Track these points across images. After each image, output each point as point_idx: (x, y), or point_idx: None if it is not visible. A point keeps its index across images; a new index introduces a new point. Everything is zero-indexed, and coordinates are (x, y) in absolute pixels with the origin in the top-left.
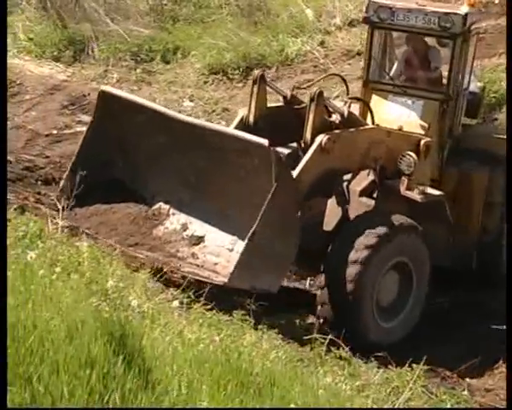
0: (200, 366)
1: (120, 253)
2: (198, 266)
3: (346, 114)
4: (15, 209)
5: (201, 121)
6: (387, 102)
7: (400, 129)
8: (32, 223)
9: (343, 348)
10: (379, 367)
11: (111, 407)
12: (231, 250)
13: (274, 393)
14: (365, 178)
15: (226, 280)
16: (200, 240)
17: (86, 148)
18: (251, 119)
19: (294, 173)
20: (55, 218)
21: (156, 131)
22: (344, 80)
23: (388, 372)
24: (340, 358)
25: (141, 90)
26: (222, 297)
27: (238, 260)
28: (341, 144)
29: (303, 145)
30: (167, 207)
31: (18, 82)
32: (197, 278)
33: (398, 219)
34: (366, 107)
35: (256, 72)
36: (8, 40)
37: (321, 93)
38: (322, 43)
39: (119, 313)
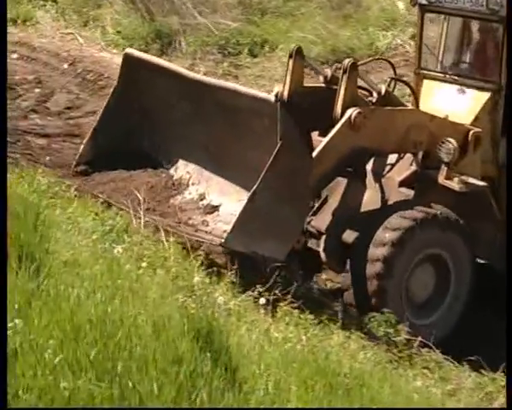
0: (287, 365)
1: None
2: (206, 232)
3: (383, 91)
4: (102, 203)
5: (215, 80)
6: (436, 90)
7: (445, 117)
8: (118, 217)
9: (433, 351)
10: (471, 371)
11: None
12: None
13: (363, 394)
14: (407, 168)
15: (223, 241)
16: (214, 209)
17: (109, 114)
18: (285, 94)
19: (319, 147)
20: (137, 211)
21: (178, 96)
22: (392, 65)
23: (481, 377)
24: (431, 361)
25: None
26: (309, 296)
27: (235, 220)
28: (375, 122)
29: (334, 122)
30: (188, 177)
31: (106, 75)
32: (196, 238)
33: (429, 209)
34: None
35: (293, 46)
36: (97, 33)
37: (354, 64)
38: (413, 37)
39: (206, 309)
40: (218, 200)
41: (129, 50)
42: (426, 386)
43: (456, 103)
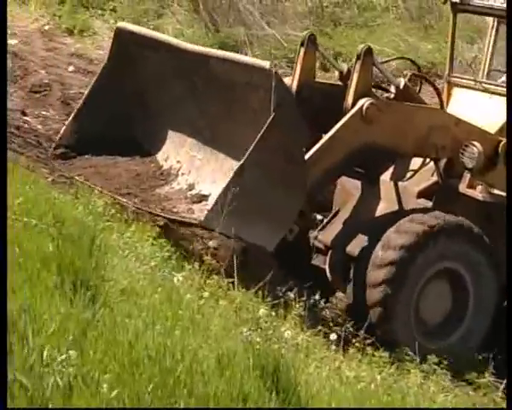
0: (360, 406)
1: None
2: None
3: (402, 85)
4: (160, 227)
5: (208, 49)
6: (464, 99)
7: None
8: (177, 243)
9: None
10: None
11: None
12: None
13: None
14: (428, 178)
15: (202, 219)
16: (203, 198)
17: (96, 95)
18: (294, 85)
19: (325, 137)
20: (202, 237)
21: (172, 72)
22: (416, 64)
23: None
24: None
25: None
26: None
27: (218, 196)
28: (390, 117)
29: (344, 113)
30: (178, 166)
31: None
32: (173, 217)
33: (444, 217)
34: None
35: (305, 33)
36: None
37: (369, 50)
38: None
39: (272, 344)
40: (209, 189)
41: (121, 24)
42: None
43: (483, 112)
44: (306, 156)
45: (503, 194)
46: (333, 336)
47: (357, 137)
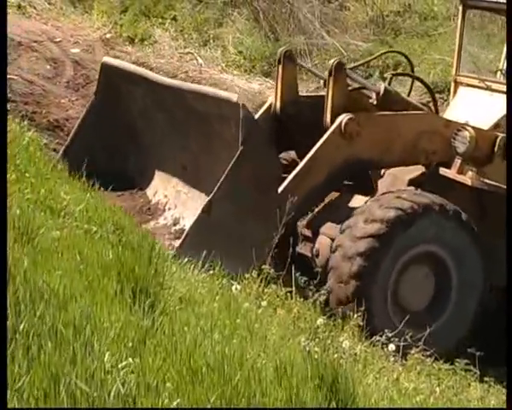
0: None
1: None
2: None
3: (381, 91)
4: None
5: (182, 82)
6: (467, 98)
7: (466, 124)
8: None
9: None
10: None
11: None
12: None
13: None
14: (418, 167)
15: (177, 246)
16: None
17: (84, 129)
18: (278, 105)
19: (307, 157)
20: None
21: (154, 107)
22: (407, 58)
23: None
24: None
25: None
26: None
27: (186, 232)
28: (372, 130)
29: (324, 131)
30: (165, 201)
31: None
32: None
33: (425, 197)
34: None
35: (280, 49)
36: (217, 53)
37: (340, 64)
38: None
39: (330, 354)
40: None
41: (106, 59)
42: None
43: (481, 109)
44: (288, 179)
45: (495, 183)
46: (391, 347)
47: (339, 155)
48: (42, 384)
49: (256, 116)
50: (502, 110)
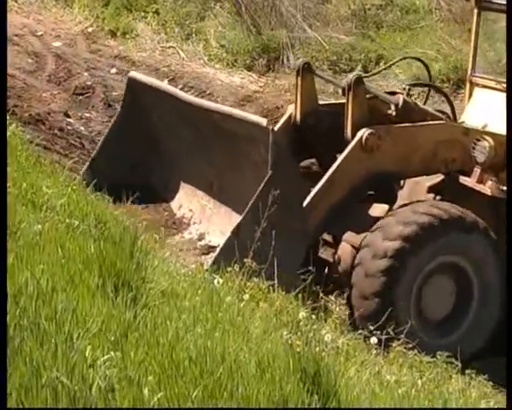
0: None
1: None
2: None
3: (400, 103)
4: None
5: (211, 103)
6: (484, 99)
7: (484, 127)
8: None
9: None
10: None
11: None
12: None
13: None
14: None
15: (208, 265)
16: (211, 250)
17: (110, 143)
18: (298, 116)
19: (328, 172)
20: None
21: (181, 123)
22: (425, 65)
23: None
24: None
25: None
26: None
27: (218, 252)
28: (392, 142)
29: (345, 145)
30: (190, 215)
31: (208, 92)
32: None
33: (451, 211)
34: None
35: (299, 61)
36: (199, 47)
37: (359, 79)
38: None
39: (312, 347)
40: (217, 240)
41: (132, 74)
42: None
43: (500, 111)
44: (312, 193)
45: None
46: (373, 340)
47: (360, 168)
48: (23, 378)
49: (277, 127)
50: None
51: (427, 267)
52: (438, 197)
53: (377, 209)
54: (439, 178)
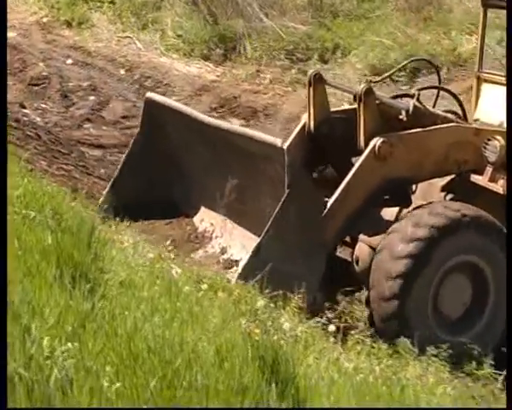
0: (359, 398)
1: None
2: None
3: (411, 109)
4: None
5: (228, 124)
6: (496, 96)
7: (500, 125)
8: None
9: None
10: None
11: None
12: None
13: None
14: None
15: (233, 281)
16: (233, 264)
17: (131, 162)
18: (311, 125)
19: (343, 182)
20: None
21: (199, 141)
22: (434, 66)
23: None
24: None
25: (296, 92)
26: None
27: (240, 272)
28: (404, 149)
29: (359, 154)
30: (212, 229)
31: (165, 82)
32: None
33: (466, 209)
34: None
35: (310, 72)
36: (156, 37)
37: (369, 90)
38: (501, 42)
39: (271, 336)
40: (239, 254)
41: (149, 95)
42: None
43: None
44: (328, 204)
45: None
46: (331, 328)
47: (375, 176)
48: None
49: (291, 137)
50: None
51: (443, 268)
52: (450, 196)
53: (390, 212)
54: (451, 177)
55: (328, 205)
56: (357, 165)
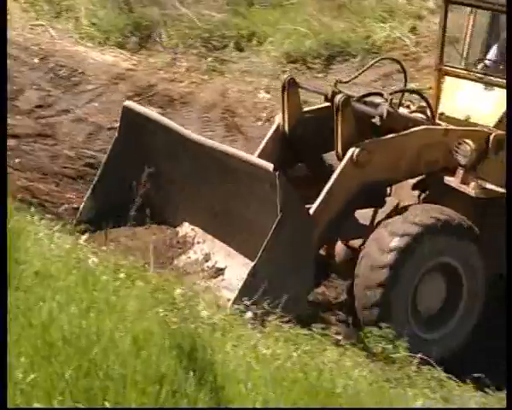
0: (276, 384)
1: None
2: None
3: (384, 114)
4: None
5: (212, 141)
6: (459, 89)
7: (467, 119)
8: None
9: (435, 368)
10: (476, 391)
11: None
12: None
13: None
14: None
15: (229, 304)
16: (219, 272)
17: (109, 168)
18: (286, 128)
19: (325, 189)
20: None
21: (180, 154)
22: (400, 64)
23: (486, 397)
24: (432, 379)
25: (212, 80)
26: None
27: (236, 297)
28: (381, 154)
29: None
30: (193, 234)
31: (79, 71)
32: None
33: (442, 214)
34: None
35: (284, 77)
36: (70, 25)
37: (347, 100)
38: (413, 29)
39: (188, 324)
40: (224, 262)
41: (127, 103)
42: (426, 407)
43: (480, 103)
44: (310, 211)
45: (496, 189)
46: (248, 314)
47: (353, 183)
48: None
49: (266, 138)
50: (502, 106)
51: (423, 269)
52: (422, 195)
53: (363, 214)
54: (422, 177)
55: (311, 211)
56: (337, 172)
